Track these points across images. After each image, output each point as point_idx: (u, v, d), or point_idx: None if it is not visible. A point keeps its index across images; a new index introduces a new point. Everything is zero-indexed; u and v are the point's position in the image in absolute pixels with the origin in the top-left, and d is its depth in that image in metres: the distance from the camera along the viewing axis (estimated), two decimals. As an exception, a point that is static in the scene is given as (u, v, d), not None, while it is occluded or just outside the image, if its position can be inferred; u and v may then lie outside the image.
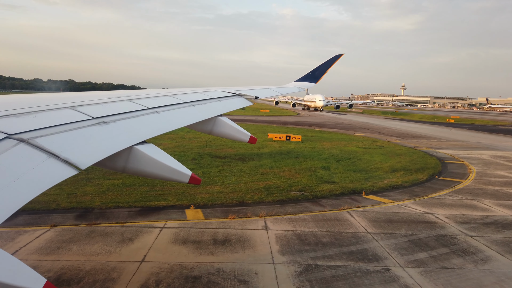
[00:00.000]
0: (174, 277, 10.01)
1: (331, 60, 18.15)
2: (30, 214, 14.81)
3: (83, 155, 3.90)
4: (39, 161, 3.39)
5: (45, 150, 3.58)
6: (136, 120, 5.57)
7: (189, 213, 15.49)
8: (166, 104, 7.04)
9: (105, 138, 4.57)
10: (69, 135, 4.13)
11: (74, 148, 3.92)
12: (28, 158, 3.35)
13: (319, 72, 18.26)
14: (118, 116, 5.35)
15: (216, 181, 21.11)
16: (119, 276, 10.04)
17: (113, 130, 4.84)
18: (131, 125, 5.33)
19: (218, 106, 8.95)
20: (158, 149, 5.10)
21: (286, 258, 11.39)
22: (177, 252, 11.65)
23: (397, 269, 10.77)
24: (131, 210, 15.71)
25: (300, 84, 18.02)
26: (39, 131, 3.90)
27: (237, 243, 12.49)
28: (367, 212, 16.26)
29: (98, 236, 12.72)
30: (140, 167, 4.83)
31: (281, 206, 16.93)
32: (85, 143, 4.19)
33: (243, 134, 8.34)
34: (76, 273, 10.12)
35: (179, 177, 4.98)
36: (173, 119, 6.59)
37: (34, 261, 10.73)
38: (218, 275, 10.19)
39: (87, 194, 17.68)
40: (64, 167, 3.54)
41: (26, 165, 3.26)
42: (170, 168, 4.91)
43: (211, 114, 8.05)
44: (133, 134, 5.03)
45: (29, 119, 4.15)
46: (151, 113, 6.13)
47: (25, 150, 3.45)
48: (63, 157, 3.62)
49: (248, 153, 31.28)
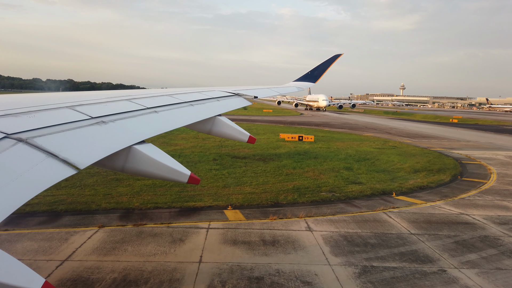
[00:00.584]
0: (237, 278, 10.13)
1: (330, 60, 18.27)
2: (73, 214, 14.92)
3: (82, 155, 3.88)
4: (37, 161, 3.39)
5: (43, 150, 3.57)
6: (135, 120, 5.58)
7: (229, 214, 15.60)
8: (165, 104, 7.06)
9: (104, 137, 4.57)
10: (68, 135, 4.13)
11: (73, 148, 3.91)
12: (26, 158, 3.35)
13: (318, 71, 18.38)
14: (117, 115, 5.36)
15: (244, 181, 21.21)
16: (183, 276, 10.15)
17: (112, 130, 4.85)
18: (130, 124, 5.35)
19: (217, 106, 8.98)
20: (157, 148, 5.10)
21: (340, 259, 11.52)
22: (231, 253, 11.77)
23: (453, 271, 10.93)
24: (171, 211, 15.82)
25: (299, 83, 18.12)
26: (38, 130, 3.89)
27: (287, 244, 12.61)
28: (403, 213, 16.41)
29: (149, 237, 12.83)
30: (139, 167, 4.83)
31: (316, 207, 17.06)
32: (84, 142, 4.18)
33: (242, 134, 8.37)
34: (139, 273, 10.24)
35: (178, 177, 4.99)
36: (172, 119, 6.59)
37: (94, 261, 10.84)
38: (279, 276, 10.32)
39: (122, 194, 17.77)
40: (62, 167, 3.53)
41: (25, 164, 3.26)
42: (169, 168, 4.91)
43: (210, 114, 8.08)
44: (132, 134, 5.04)
45: (27, 119, 4.14)
46: (150, 113, 6.15)
47: (24, 149, 3.44)
48: (62, 157, 3.61)
49: (266, 153, 31.41)
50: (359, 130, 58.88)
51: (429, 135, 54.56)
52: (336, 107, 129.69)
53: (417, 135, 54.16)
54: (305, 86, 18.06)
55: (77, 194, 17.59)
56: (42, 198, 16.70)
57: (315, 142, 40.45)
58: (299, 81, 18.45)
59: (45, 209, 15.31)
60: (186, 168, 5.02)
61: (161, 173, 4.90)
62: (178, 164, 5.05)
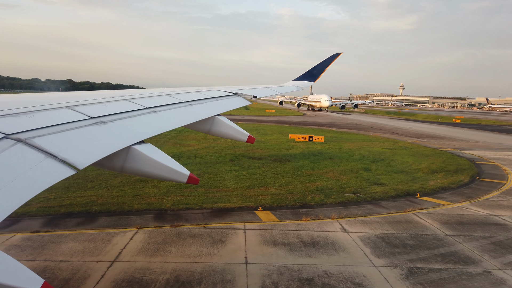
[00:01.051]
0: (288, 279, 10.23)
1: (329, 59, 18.32)
2: (108, 215, 15.00)
3: (81, 155, 3.86)
4: (36, 161, 3.38)
5: (42, 150, 3.56)
6: (134, 119, 5.56)
7: (261, 215, 15.69)
8: (164, 103, 7.05)
9: (103, 138, 4.55)
10: (67, 135, 4.11)
11: (72, 148, 3.90)
12: (25, 158, 3.33)
13: (317, 71, 18.44)
14: (116, 115, 5.34)
15: (267, 182, 21.30)
16: (233, 278, 10.24)
17: (111, 130, 4.83)
18: (129, 125, 5.33)
19: (216, 106, 8.99)
20: (156, 149, 5.09)
21: (384, 260, 11.63)
22: (274, 254, 11.87)
23: (498, 272, 11.05)
24: (203, 212, 15.90)
25: (299, 83, 18.18)
26: (37, 131, 3.88)
27: (326, 245, 12.71)
28: (432, 214, 16.54)
29: (189, 238, 12.92)
30: (138, 167, 4.82)
31: (345, 208, 17.17)
32: (83, 143, 4.17)
33: (241, 133, 8.38)
34: (190, 274, 10.33)
35: (177, 177, 4.98)
36: (172, 118, 6.56)
37: (143, 262, 10.93)
38: (328, 277, 10.42)
39: (150, 195, 17.85)
40: (62, 167, 3.52)
41: (24, 165, 3.25)
42: (168, 168, 4.91)
43: (210, 114, 8.07)
44: (131, 134, 5.03)
45: (26, 119, 4.12)
46: (149, 113, 6.13)
47: (23, 150, 3.43)
48: (61, 157, 3.60)
49: (281, 154, 31.52)
50: (365, 130, 59.03)
51: (436, 135, 54.75)
52: (339, 107, 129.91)
53: (424, 135, 54.34)
54: (304, 86, 18.08)
55: (106, 195, 17.65)
56: (74, 199, 16.78)
57: (325, 142, 40.56)
58: (298, 81, 18.51)
59: (79, 210, 15.38)
60: (185, 168, 5.02)
61: (160, 173, 4.90)
62: (177, 164, 5.04)
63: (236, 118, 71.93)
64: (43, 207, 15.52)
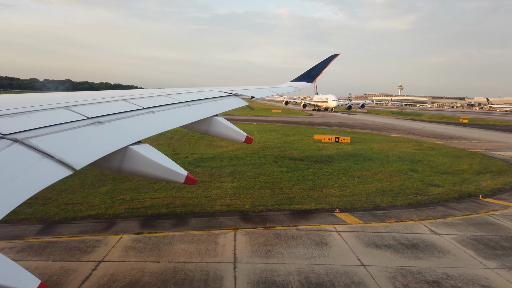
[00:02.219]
0: (415, 281, 10.32)
1: (327, 60, 18.50)
2: (195, 217, 15.05)
3: (78, 155, 3.86)
4: (33, 161, 3.37)
5: (39, 151, 3.55)
6: (131, 120, 5.56)
7: (343, 217, 15.78)
8: (162, 104, 7.06)
9: (100, 138, 4.55)
10: (64, 135, 4.10)
11: (69, 148, 3.89)
12: (22, 159, 3.32)
13: (315, 72, 18.62)
14: (113, 116, 5.34)
15: (324, 184, 21.39)
16: (362, 280, 10.32)
17: (108, 130, 4.84)
18: (126, 125, 5.32)
19: (214, 106, 9.00)
20: (154, 149, 5.10)
21: (494, 263, 11.75)
22: (384, 256, 11.96)
23: None
24: (283, 213, 15.98)
25: (296, 84, 18.34)
26: (34, 131, 3.87)
27: (428, 247, 12.82)
28: (506, 215, 16.71)
29: (290, 240, 12.99)
30: (135, 167, 4.82)
31: (418, 209, 17.29)
32: (80, 143, 4.17)
33: (239, 134, 8.45)
34: (316, 276, 10.40)
35: (175, 177, 4.96)
36: (169, 119, 6.59)
37: (264, 264, 10.99)
38: (452, 280, 10.53)
39: (221, 197, 17.90)
40: (59, 167, 3.51)
41: (21, 165, 3.24)
42: (165, 168, 4.90)
43: (207, 114, 8.09)
44: (128, 134, 5.03)
45: (23, 119, 4.11)
46: (146, 113, 6.13)
47: (19, 150, 3.42)
48: (58, 157, 3.59)
49: (317, 155, 31.61)
50: (381, 131, 59.25)
51: (453, 135, 55.08)
52: (345, 108, 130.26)
53: (442, 135, 54.64)
54: (302, 86, 18.23)
55: (179, 196, 17.67)
56: (151, 200, 16.80)
57: (352, 143, 40.72)
58: (296, 81, 18.65)
59: (166, 212, 15.41)
60: (182, 168, 5.01)
61: (157, 173, 4.90)
62: (174, 164, 5.03)
63: (246, 118, 72.03)
64: (128, 208, 15.56)
